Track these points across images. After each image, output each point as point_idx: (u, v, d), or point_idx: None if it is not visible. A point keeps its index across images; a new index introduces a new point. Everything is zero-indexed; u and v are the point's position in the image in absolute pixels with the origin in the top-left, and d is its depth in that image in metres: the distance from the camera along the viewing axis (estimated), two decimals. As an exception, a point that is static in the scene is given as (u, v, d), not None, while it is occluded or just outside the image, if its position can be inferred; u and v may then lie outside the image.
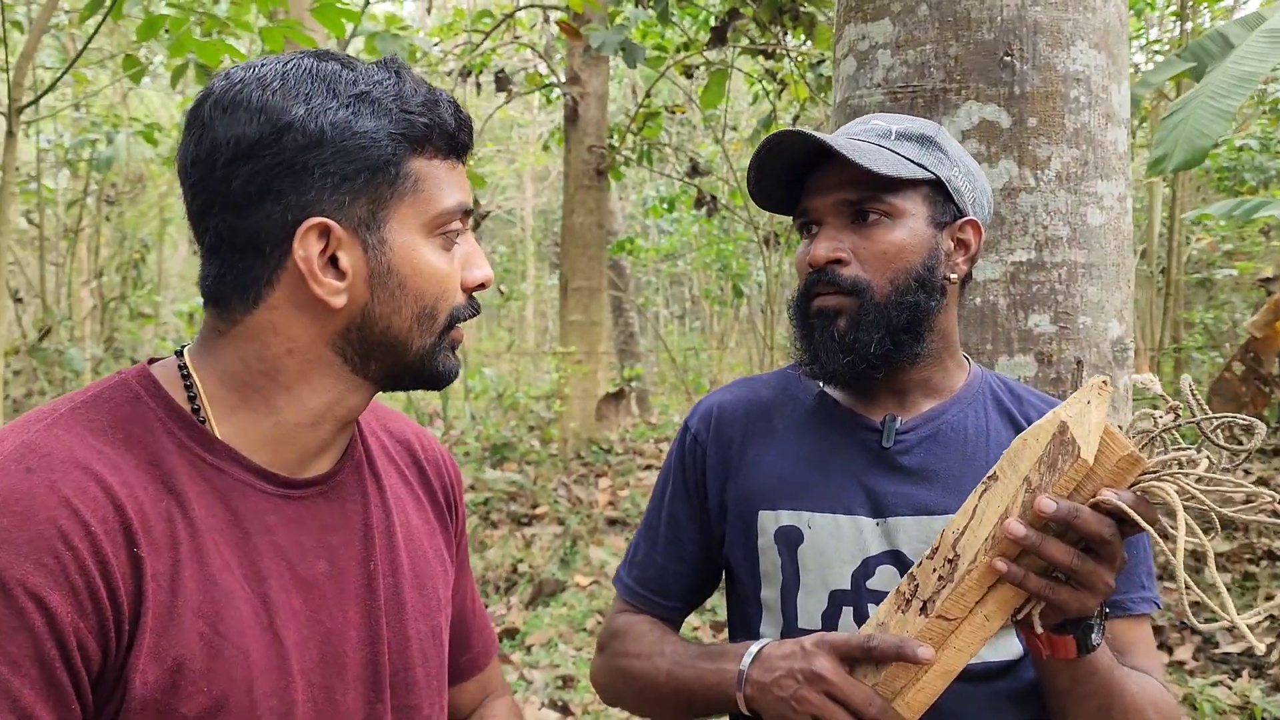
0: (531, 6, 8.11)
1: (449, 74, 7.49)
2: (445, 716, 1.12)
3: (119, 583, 0.83)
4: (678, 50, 7.43)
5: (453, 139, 0.95)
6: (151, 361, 0.98)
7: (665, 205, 9.94)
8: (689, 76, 7.55)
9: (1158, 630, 4.37)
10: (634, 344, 12.06)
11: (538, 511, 6.55)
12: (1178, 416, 1.00)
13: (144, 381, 0.94)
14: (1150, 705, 1.17)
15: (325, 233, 0.90)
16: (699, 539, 1.41)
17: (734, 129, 10.50)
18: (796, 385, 1.41)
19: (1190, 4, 6.78)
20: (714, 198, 7.92)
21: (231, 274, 0.92)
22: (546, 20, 8.27)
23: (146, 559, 0.85)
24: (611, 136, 8.53)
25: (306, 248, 0.89)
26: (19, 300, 8.43)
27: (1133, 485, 0.99)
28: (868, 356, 1.25)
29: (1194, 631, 4.34)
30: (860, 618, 1.25)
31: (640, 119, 8.14)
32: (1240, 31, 4.76)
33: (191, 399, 0.94)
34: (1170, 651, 4.20)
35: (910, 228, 1.26)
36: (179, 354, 0.97)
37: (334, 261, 0.91)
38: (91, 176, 9.02)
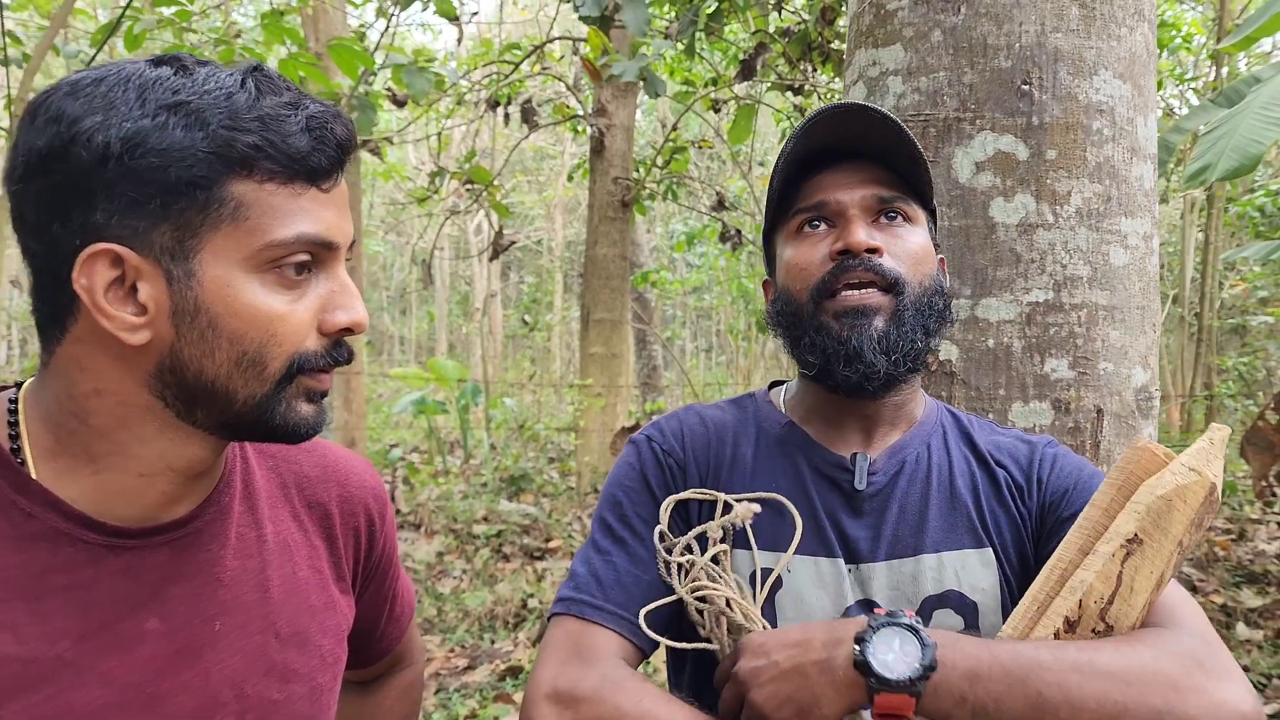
0: (561, 39, 8.12)
1: (477, 104, 7.49)
2: None
3: None
4: (706, 85, 7.40)
5: (298, 161, 0.81)
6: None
7: (687, 240, 9.88)
8: (716, 111, 7.51)
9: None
10: (657, 377, 11.94)
11: (551, 545, 6.44)
12: None
13: None
14: None
15: (119, 260, 0.79)
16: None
17: (761, 164, 10.44)
18: (759, 414, 1.30)
19: (1222, 52, 6.65)
20: (739, 232, 7.84)
21: (40, 301, 0.83)
22: (576, 52, 8.27)
23: None
24: (637, 170, 8.50)
25: (89, 276, 0.78)
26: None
27: None
28: (909, 356, 1.17)
29: None
30: None
31: (667, 153, 8.11)
32: (1275, 73, 4.65)
33: (13, 438, 0.84)
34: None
35: (924, 236, 1.23)
36: (19, 385, 0.88)
37: (137, 293, 0.80)
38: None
